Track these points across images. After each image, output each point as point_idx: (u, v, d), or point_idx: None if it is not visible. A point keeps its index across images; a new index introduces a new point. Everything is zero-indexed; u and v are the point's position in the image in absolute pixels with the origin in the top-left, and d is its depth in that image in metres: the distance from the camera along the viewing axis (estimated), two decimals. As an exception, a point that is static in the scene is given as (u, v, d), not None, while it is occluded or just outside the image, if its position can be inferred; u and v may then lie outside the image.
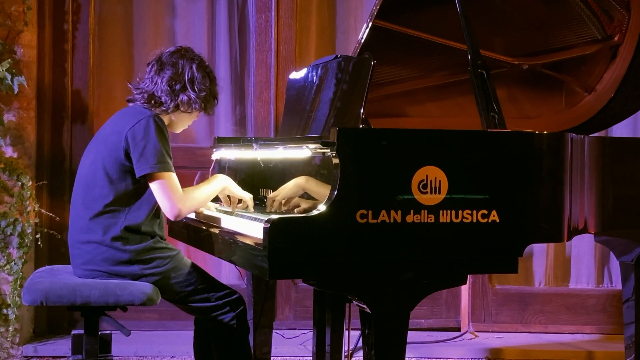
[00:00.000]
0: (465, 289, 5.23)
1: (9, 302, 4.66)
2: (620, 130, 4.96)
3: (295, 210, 3.05)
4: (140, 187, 3.12)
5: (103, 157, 3.13)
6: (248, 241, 2.76)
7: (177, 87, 3.21)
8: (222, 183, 3.31)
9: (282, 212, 3.12)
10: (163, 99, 3.21)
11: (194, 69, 3.24)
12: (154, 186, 3.09)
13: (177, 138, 5.29)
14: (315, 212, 2.57)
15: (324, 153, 2.85)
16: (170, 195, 3.07)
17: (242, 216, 3.17)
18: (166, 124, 3.23)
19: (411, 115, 3.69)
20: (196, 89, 3.23)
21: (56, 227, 4.83)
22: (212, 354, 3.25)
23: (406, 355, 2.70)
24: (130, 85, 3.30)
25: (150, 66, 3.27)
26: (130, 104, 3.26)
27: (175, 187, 3.09)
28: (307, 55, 5.28)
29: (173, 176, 3.10)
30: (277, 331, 4.79)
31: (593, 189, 3.10)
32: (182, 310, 3.29)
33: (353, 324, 3.57)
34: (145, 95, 3.21)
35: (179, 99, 3.21)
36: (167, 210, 3.09)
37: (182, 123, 3.33)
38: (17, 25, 4.76)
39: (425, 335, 5.16)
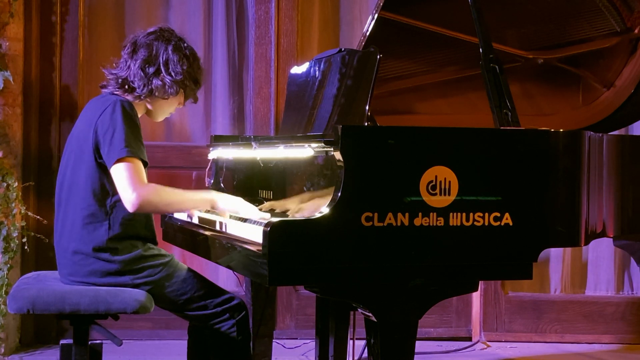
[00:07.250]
0: (476, 296, 5.23)
1: (-7, 310, 4.68)
2: (641, 128, 4.98)
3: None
4: None
5: (80, 159, 3.09)
6: (246, 245, 2.76)
7: (151, 70, 3.14)
8: (210, 196, 3.16)
9: (282, 215, 3.13)
10: (136, 84, 3.14)
11: (170, 50, 3.16)
12: (114, 170, 2.98)
13: (171, 136, 5.32)
14: (318, 215, 2.57)
15: (327, 152, 2.85)
16: (131, 180, 2.96)
17: (240, 219, 3.17)
18: (144, 111, 3.21)
19: (419, 112, 3.70)
20: (172, 72, 3.15)
21: (44, 231, 4.82)
22: (208, 365, 3.25)
23: (414, 366, 2.71)
24: (104, 70, 3.24)
25: (125, 49, 3.20)
26: (103, 91, 3.22)
27: (140, 172, 2.99)
28: (310, 49, 5.28)
29: (139, 163, 3.00)
30: (278, 341, 4.79)
31: (612, 190, 3.10)
32: (179, 318, 3.28)
33: (358, 333, 3.58)
34: (118, 80, 3.16)
35: (153, 84, 3.15)
36: (126, 196, 2.96)
37: (161, 111, 3.26)
38: (2, 16, 4.76)
39: (435, 345, 5.16)
